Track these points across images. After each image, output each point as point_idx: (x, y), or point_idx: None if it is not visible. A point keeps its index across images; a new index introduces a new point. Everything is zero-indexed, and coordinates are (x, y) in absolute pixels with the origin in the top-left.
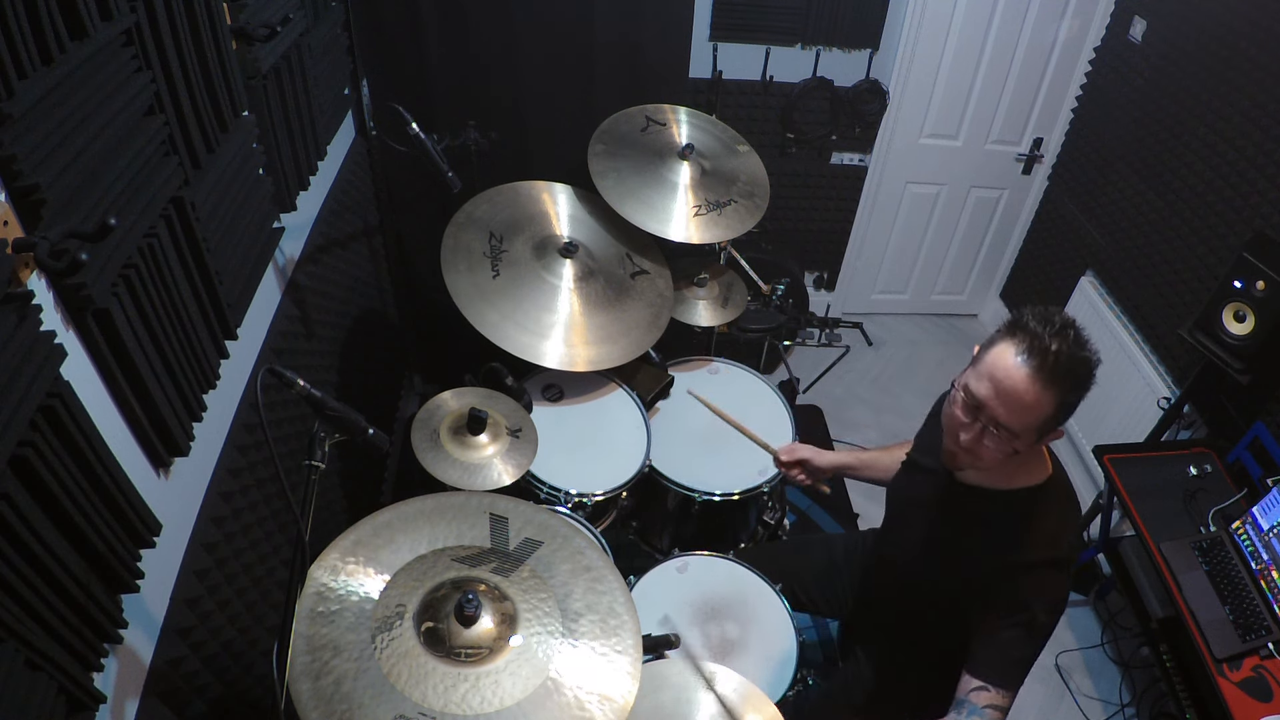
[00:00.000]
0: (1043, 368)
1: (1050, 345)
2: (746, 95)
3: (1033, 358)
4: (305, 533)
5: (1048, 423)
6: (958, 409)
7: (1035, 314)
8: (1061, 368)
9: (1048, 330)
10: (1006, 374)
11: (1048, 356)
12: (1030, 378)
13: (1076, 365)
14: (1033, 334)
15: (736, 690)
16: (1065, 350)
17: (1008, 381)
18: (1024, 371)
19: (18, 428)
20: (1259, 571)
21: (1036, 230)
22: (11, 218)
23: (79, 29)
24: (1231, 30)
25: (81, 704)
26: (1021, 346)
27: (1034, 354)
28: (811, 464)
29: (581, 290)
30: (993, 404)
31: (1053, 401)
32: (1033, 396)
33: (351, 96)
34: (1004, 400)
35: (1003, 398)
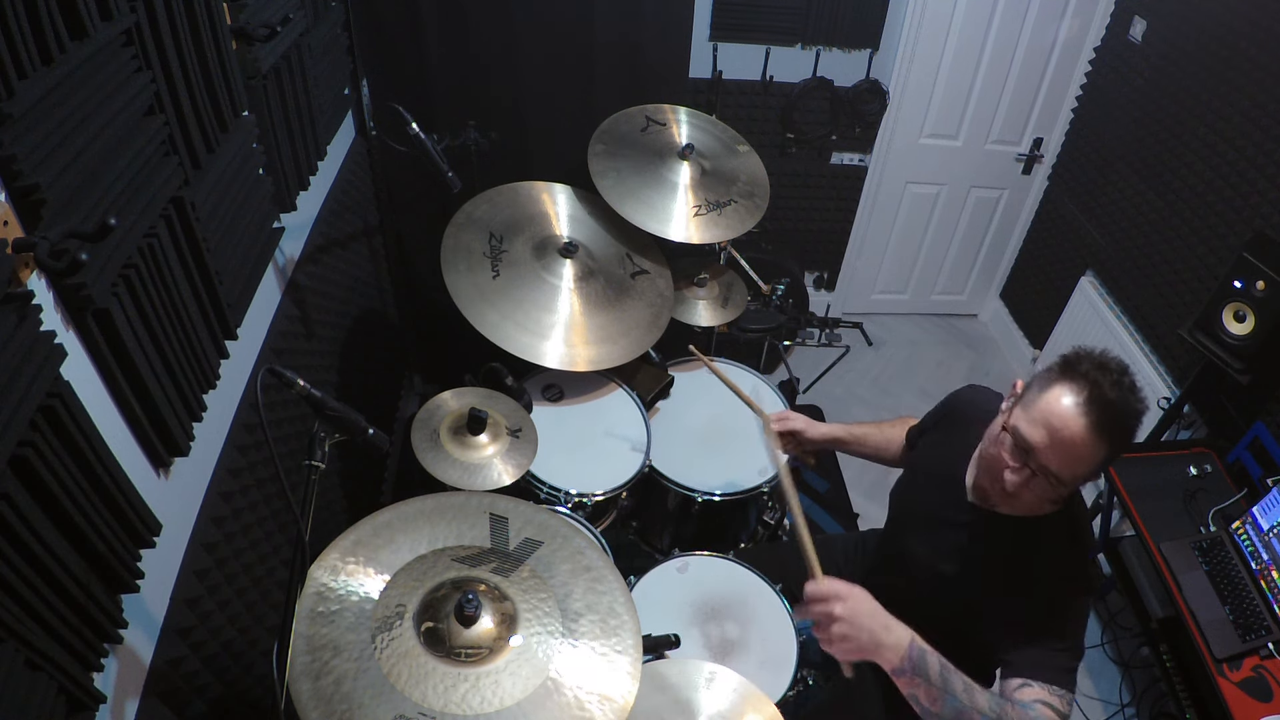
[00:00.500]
0: (1103, 420)
1: (1109, 395)
2: (746, 95)
3: (1093, 408)
4: (305, 533)
5: (1097, 471)
6: (1005, 451)
7: (1090, 358)
8: (1119, 420)
9: (1106, 377)
10: (1064, 423)
11: (1108, 408)
12: (1089, 429)
13: (1131, 417)
14: (1092, 381)
15: (736, 690)
16: (1122, 400)
17: (1065, 431)
18: (1083, 422)
19: (18, 428)
20: (1259, 571)
21: (1036, 230)
22: (11, 218)
23: (79, 29)
24: (1231, 30)
25: (81, 704)
26: (1081, 394)
27: (1094, 403)
28: (804, 435)
29: (581, 290)
30: (1045, 452)
31: (1106, 453)
32: (1089, 448)
33: (351, 96)
34: (1059, 449)
35: (1058, 447)
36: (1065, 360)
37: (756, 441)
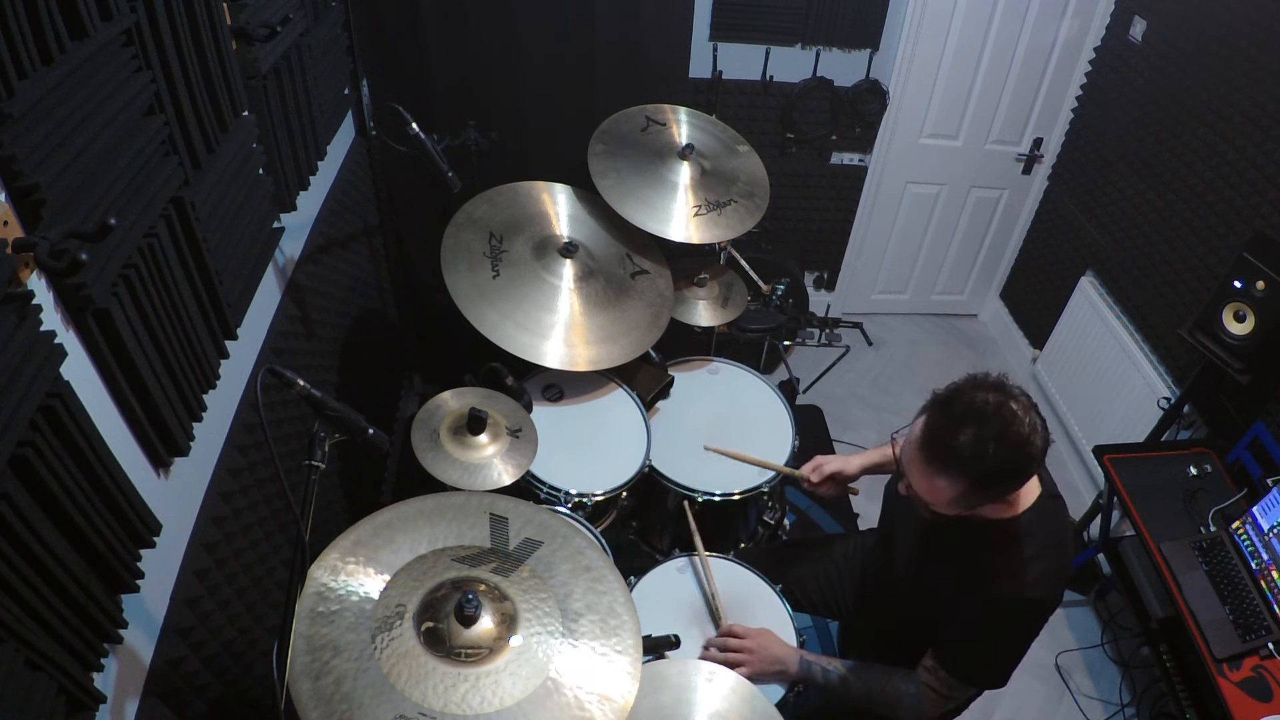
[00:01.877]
0: (933, 459)
1: (952, 439)
2: (746, 95)
3: (927, 446)
4: (305, 533)
5: (963, 500)
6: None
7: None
8: (959, 460)
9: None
10: (908, 456)
11: (938, 448)
12: (924, 465)
13: (982, 458)
14: (938, 418)
15: (736, 690)
16: (969, 442)
17: (910, 463)
18: (919, 458)
19: (18, 428)
20: (1259, 571)
21: (1036, 230)
22: (11, 218)
23: (79, 29)
24: (1231, 30)
25: (81, 704)
26: (927, 431)
27: (932, 443)
28: (842, 474)
29: (581, 290)
30: (907, 473)
31: (957, 486)
32: (932, 480)
33: (351, 96)
34: (913, 478)
35: (911, 476)
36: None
37: (758, 442)
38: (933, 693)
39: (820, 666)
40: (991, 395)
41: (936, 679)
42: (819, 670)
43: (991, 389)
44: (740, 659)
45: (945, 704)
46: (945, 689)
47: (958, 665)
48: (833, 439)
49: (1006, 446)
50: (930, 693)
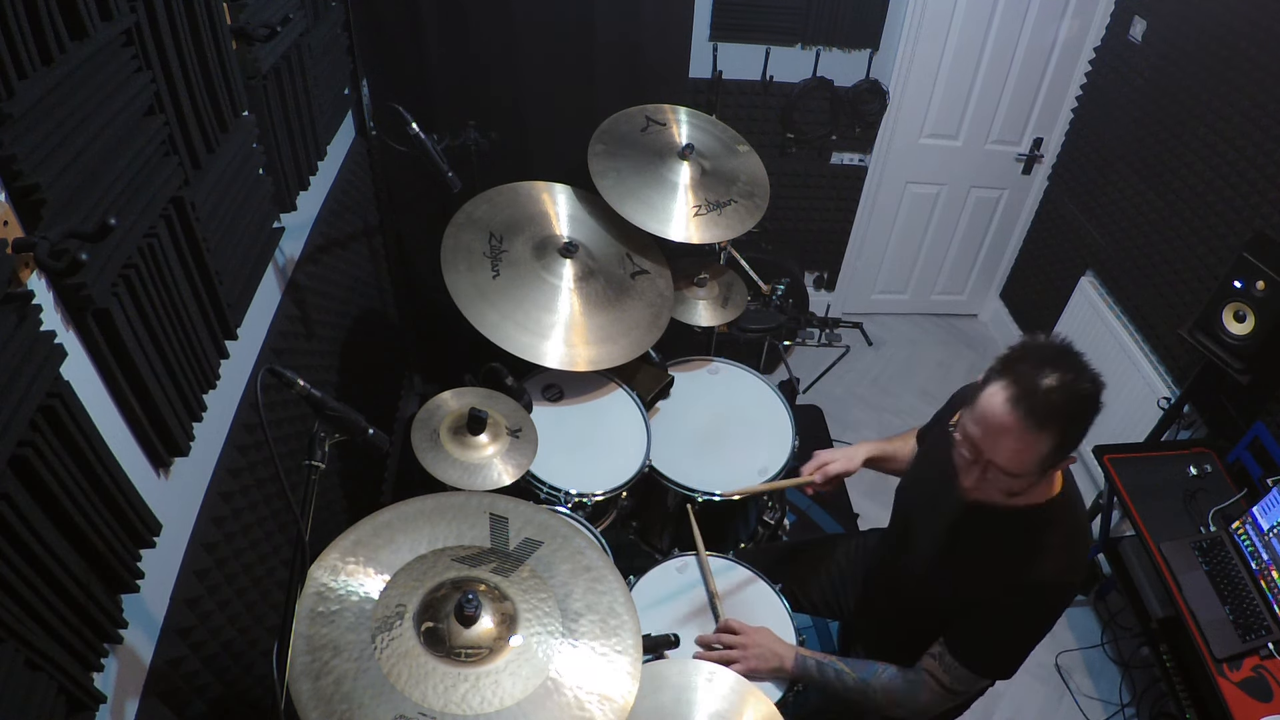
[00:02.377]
0: (1033, 411)
1: (1040, 384)
2: (746, 95)
3: (1022, 401)
4: (305, 533)
5: (1048, 459)
6: (960, 448)
7: (1029, 348)
8: (1053, 407)
9: (1039, 368)
10: (996, 417)
11: (1036, 397)
12: (1020, 421)
13: (1072, 401)
14: (1021, 374)
15: (736, 690)
16: (1057, 387)
17: (999, 426)
18: (1014, 416)
19: (18, 428)
20: (1259, 571)
21: (1036, 230)
22: (11, 218)
23: (79, 29)
24: (1231, 30)
25: (81, 704)
26: (1011, 389)
27: (1023, 397)
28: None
29: (581, 290)
30: (989, 448)
31: (1049, 440)
32: (1025, 440)
33: (351, 96)
34: (999, 445)
35: (997, 441)
36: (1004, 355)
37: (757, 442)
38: (935, 682)
39: (816, 662)
40: (1054, 343)
41: (942, 665)
42: (814, 665)
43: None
44: (734, 655)
45: (946, 697)
46: (949, 678)
47: (971, 653)
48: (833, 439)
49: (1089, 384)
50: (932, 682)
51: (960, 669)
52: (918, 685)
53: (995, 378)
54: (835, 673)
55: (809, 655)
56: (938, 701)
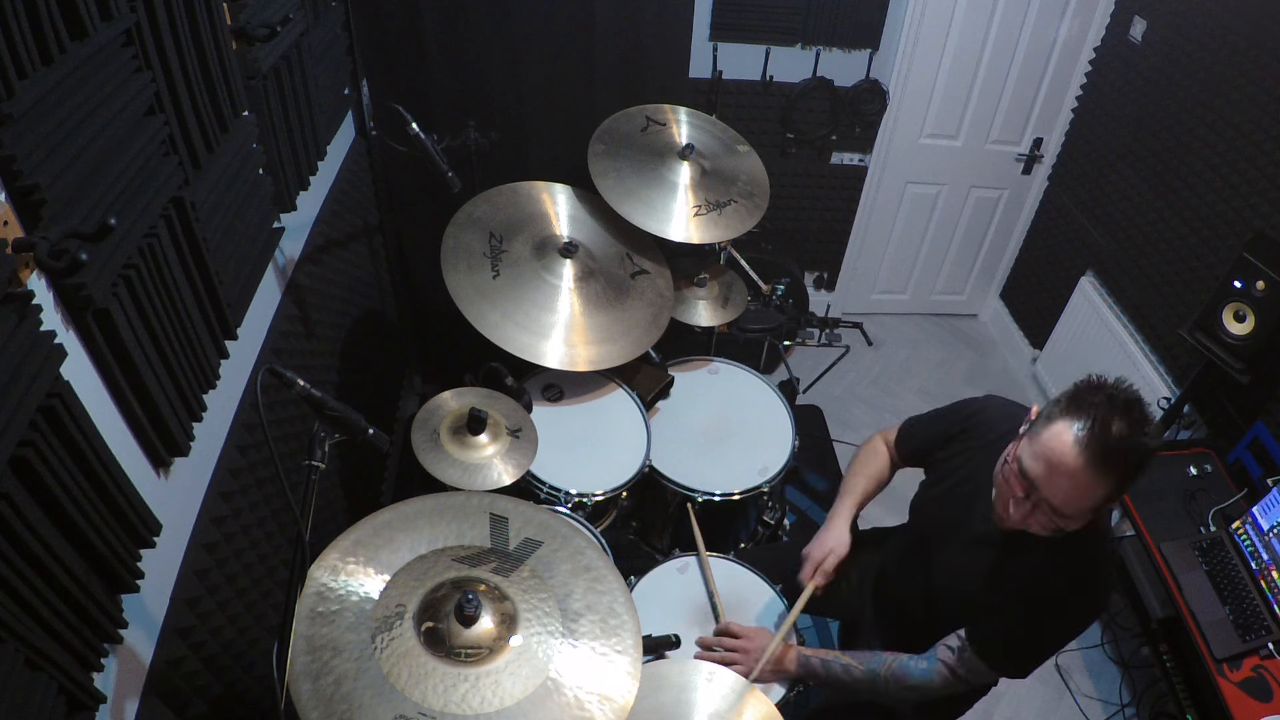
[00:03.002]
0: (1102, 457)
1: (1111, 430)
2: (746, 95)
3: (1092, 444)
4: (305, 533)
5: (1101, 504)
6: (1011, 480)
7: (1102, 390)
8: (1121, 456)
9: (1113, 414)
10: (1062, 459)
11: (1109, 444)
12: (1088, 466)
13: (1135, 454)
14: (1097, 417)
15: (736, 690)
16: (1126, 435)
17: (1064, 466)
18: (1082, 460)
19: (18, 428)
20: (1259, 571)
21: (1036, 230)
22: (11, 218)
23: (79, 29)
24: (1231, 30)
25: (81, 704)
26: (1083, 430)
27: (1094, 440)
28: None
29: (581, 290)
30: (1046, 486)
31: (1108, 487)
32: (1088, 484)
33: (351, 96)
34: (1058, 485)
35: (1057, 481)
36: (1075, 391)
37: (756, 441)
38: (948, 671)
39: (820, 659)
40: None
41: (959, 659)
42: (819, 663)
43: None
44: (735, 658)
45: (956, 685)
46: (965, 670)
47: (993, 652)
48: (833, 439)
49: (1154, 439)
50: (945, 670)
51: (978, 663)
52: (930, 673)
53: (1064, 415)
54: (842, 667)
55: (811, 654)
56: (949, 688)
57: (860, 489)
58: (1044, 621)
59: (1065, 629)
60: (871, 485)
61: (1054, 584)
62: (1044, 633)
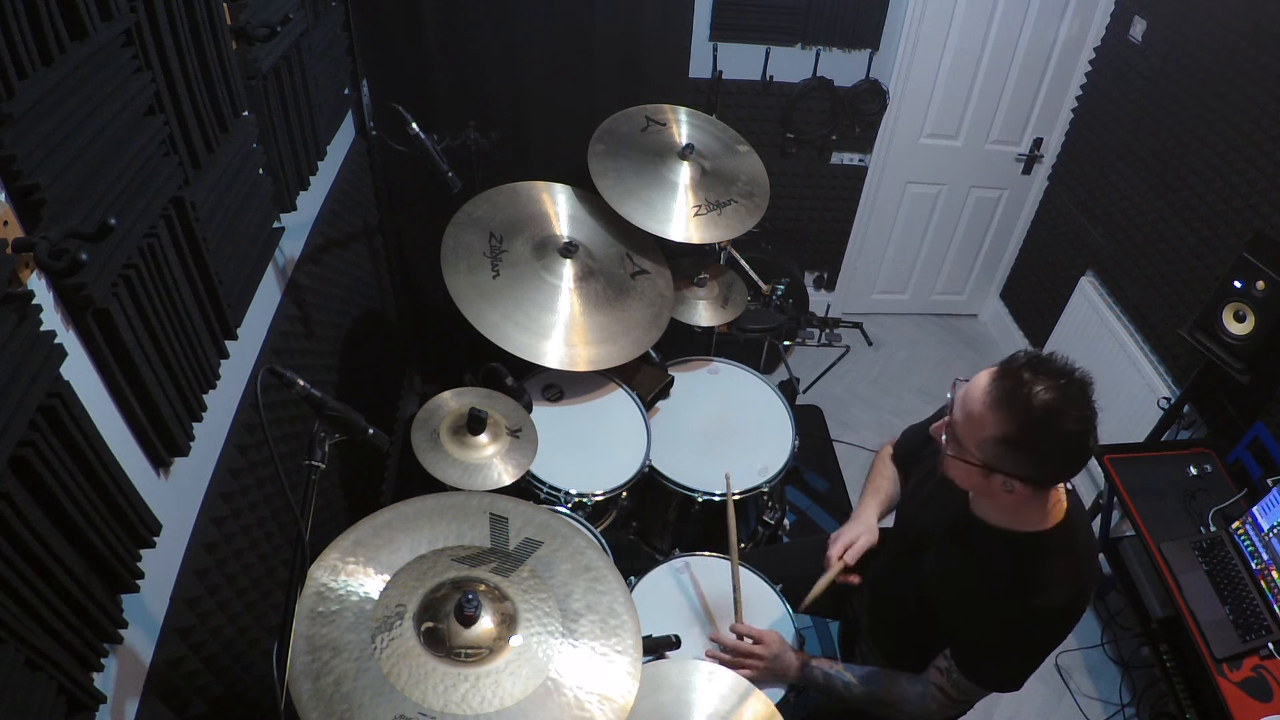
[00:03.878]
0: (1000, 389)
1: (1025, 378)
2: (746, 95)
3: (1002, 380)
4: (305, 533)
5: (993, 450)
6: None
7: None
8: (1021, 399)
9: (1041, 372)
10: (973, 385)
11: (1016, 383)
12: (987, 390)
13: (1042, 407)
14: (1020, 365)
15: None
16: (1039, 390)
17: (970, 392)
18: (983, 382)
19: (18, 428)
20: (1259, 571)
21: (1036, 230)
22: (11, 218)
23: (79, 29)
24: (1231, 30)
25: (81, 704)
26: (1002, 368)
27: (1005, 377)
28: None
29: (581, 290)
30: (956, 410)
31: (999, 425)
32: (981, 407)
33: (351, 96)
34: (963, 409)
35: (963, 407)
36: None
37: (756, 441)
38: (941, 694)
39: (822, 670)
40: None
41: (949, 680)
42: (821, 675)
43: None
44: (750, 664)
45: (953, 707)
46: (957, 691)
47: (976, 668)
48: (833, 439)
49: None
50: (938, 693)
51: (966, 683)
52: (925, 697)
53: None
54: (844, 684)
55: (816, 665)
56: (945, 710)
57: (883, 490)
58: (1024, 631)
59: (1047, 635)
60: (893, 489)
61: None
62: (1026, 642)
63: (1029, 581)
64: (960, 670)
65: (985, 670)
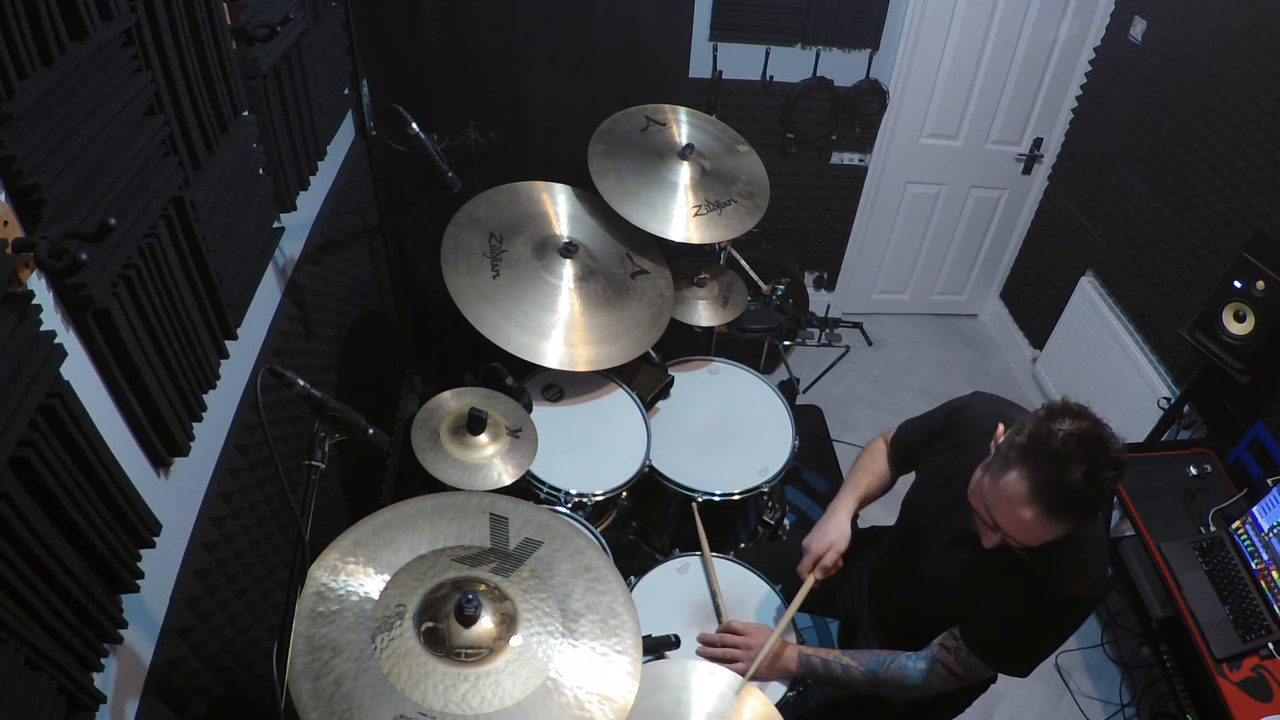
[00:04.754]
0: (1054, 504)
1: (1064, 478)
2: (746, 95)
3: (1045, 494)
4: (305, 533)
5: (1065, 534)
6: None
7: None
8: (1075, 500)
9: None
10: (1017, 509)
11: (1060, 491)
12: (1041, 516)
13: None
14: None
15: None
16: (1081, 482)
17: (1019, 515)
18: (1035, 510)
19: (18, 428)
20: (1259, 571)
21: (1036, 230)
22: (11, 218)
23: (79, 29)
24: (1231, 30)
25: (81, 704)
26: (1035, 481)
27: (1046, 489)
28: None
29: (581, 290)
30: (1006, 527)
31: (1066, 525)
32: (1045, 528)
33: (351, 96)
34: (1016, 528)
35: (1014, 526)
36: (1034, 428)
37: (756, 441)
38: (946, 670)
39: (820, 658)
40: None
41: (957, 659)
42: (820, 662)
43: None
44: (737, 654)
45: (956, 682)
46: (963, 669)
47: (989, 651)
48: (833, 439)
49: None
50: (943, 669)
51: (976, 661)
52: (929, 673)
53: (1019, 462)
54: (842, 667)
55: (812, 653)
56: (947, 686)
57: (863, 484)
58: (1038, 617)
59: (1061, 623)
60: (875, 483)
61: (1045, 579)
62: (1038, 628)
63: (1047, 575)
64: (971, 650)
65: (998, 652)
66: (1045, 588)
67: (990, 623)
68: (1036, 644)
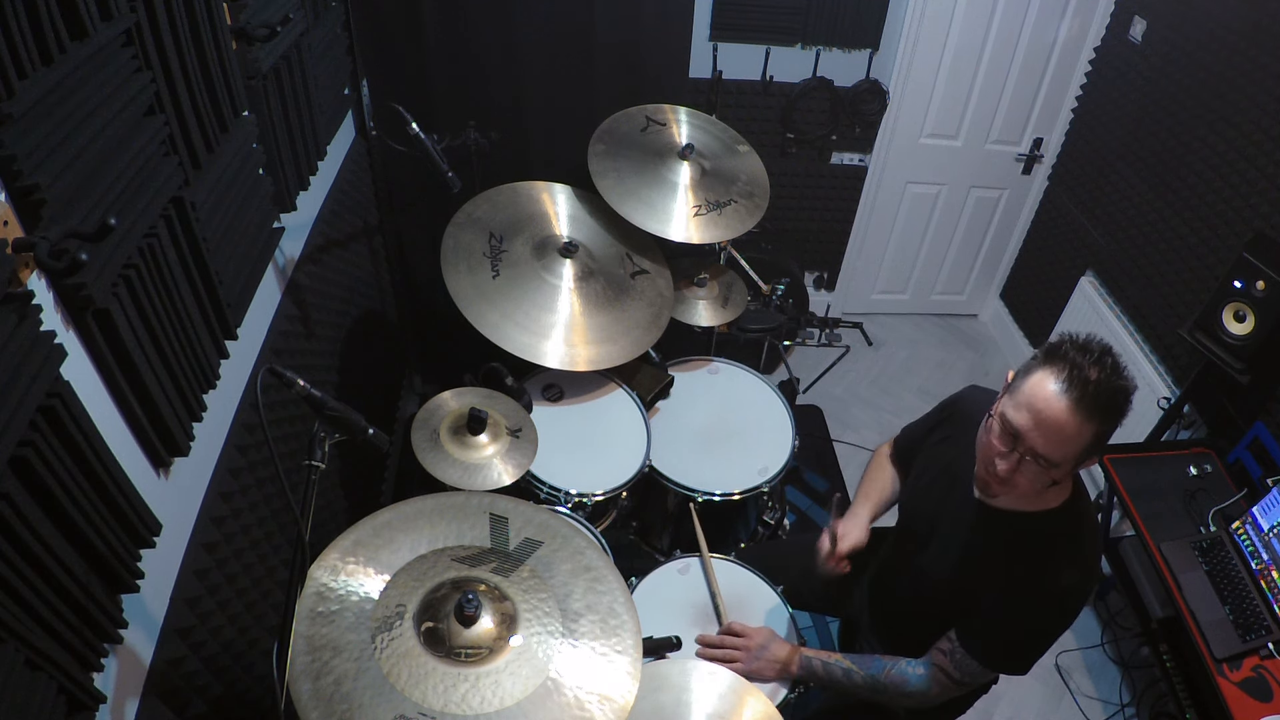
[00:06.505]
0: (1084, 398)
1: (1090, 374)
2: (746, 95)
3: (1073, 388)
4: (305, 533)
5: (1085, 452)
6: (994, 438)
7: (1072, 342)
8: (1102, 397)
9: (1087, 359)
10: (1046, 404)
11: (1088, 386)
12: (1071, 408)
13: (1115, 395)
14: (1072, 362)
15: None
16: (1104, 379)
17: (1048, 411)
18: (1064, 402)
19: (18, 428)
20: (1259, 571)
21: (1036, 230)
22: (11, 218)
23: (79, 29)
24: (1231, 30)
25: (81, 704)
26: (1061, 375)
27: (1074, 384)
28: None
29: (581, 290)
30: (1031, 434)
31: (1092, 432)
32: (1073, 427)
33: (351, 96)
34: (1043, 431)
35: (1042, 428)
36: (1048, 346)
37: (757, 441)
38: (944, 675)
39: (821, 661)
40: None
41: (953, 662)
42: (820, 665)
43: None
44: (737, 656)
45: (955, 689)
46: (960, 673)
47: (983, 649)
48: (833, 439)
49: (1128, 381)
50: (941, 675)
51: (972, 663)
52: (927, 679)
53: (1042, 366)
54: (843, 671)
55: (813, 655)
56: (946, 693)
57: (876, 494)
58: (1031, 611)
59: (1055, 617)
60: (884, 492)
61: (1043, 568)
62: (1033, 623)
63: (1041, 563)
64: (966, 651)
65: (994, 652)
66: (1044, 577)
67: (990, 621)
68: (1036, 638)
